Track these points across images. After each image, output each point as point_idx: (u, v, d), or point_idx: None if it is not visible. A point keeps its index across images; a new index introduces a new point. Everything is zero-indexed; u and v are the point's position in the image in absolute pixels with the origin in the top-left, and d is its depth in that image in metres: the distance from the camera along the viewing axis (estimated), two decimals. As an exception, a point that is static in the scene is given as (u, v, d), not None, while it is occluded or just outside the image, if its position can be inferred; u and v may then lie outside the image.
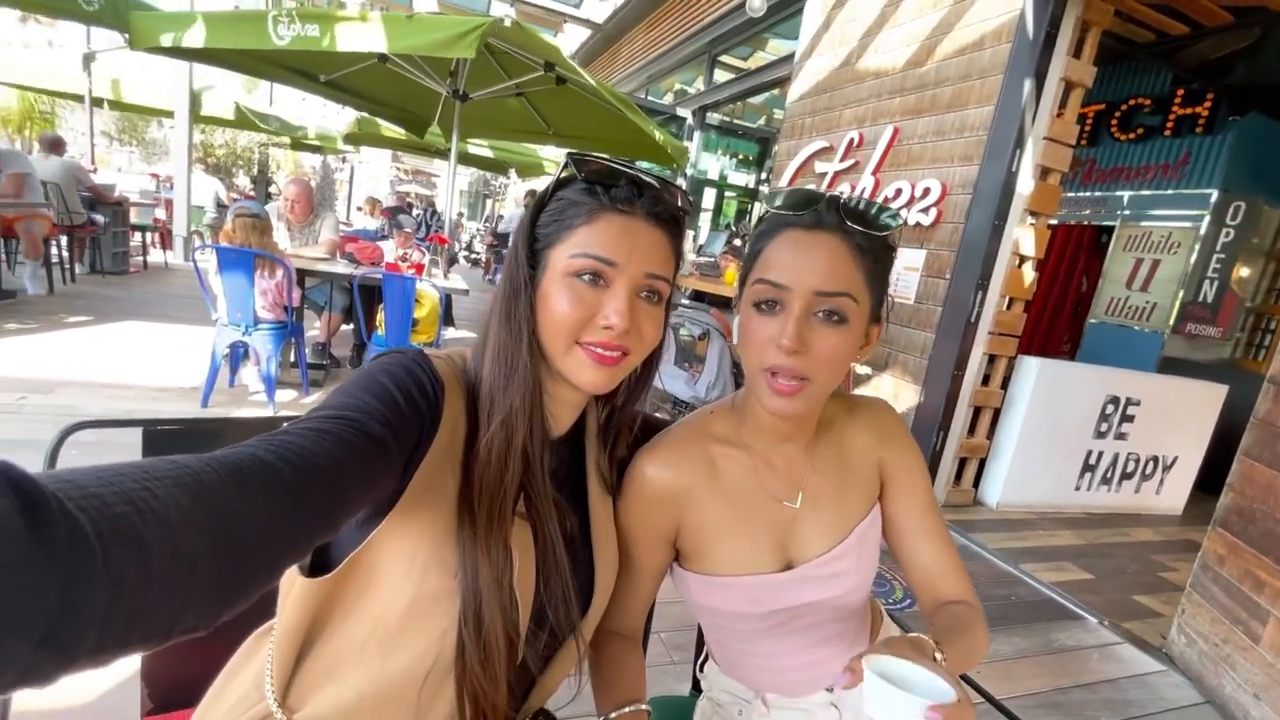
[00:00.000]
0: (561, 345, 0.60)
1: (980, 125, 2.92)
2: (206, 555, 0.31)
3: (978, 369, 3.08)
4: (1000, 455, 3.27)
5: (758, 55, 6.01)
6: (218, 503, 0.33)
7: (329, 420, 0.46)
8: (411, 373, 0.55)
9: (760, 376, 0.66)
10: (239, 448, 0.38)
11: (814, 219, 0.65)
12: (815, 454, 0.77)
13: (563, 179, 0.63)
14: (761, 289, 0.65)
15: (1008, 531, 3.06)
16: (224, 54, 3.87)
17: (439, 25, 3.04)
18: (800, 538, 0.75)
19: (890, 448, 0.78)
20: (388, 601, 0.55)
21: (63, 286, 5.37)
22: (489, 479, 0.57)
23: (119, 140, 21.43)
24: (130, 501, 0.28)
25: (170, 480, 0.31)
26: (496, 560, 0.56)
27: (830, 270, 0.63)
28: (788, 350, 0.62)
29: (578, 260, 0.58)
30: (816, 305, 0.63)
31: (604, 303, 0.59)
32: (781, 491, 0.75)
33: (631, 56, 7.68)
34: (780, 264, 0.64)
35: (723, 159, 7.26)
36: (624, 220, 0.59)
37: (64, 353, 3.63)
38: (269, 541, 0.36)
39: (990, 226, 2.88)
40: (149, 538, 0.28)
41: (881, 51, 3.50)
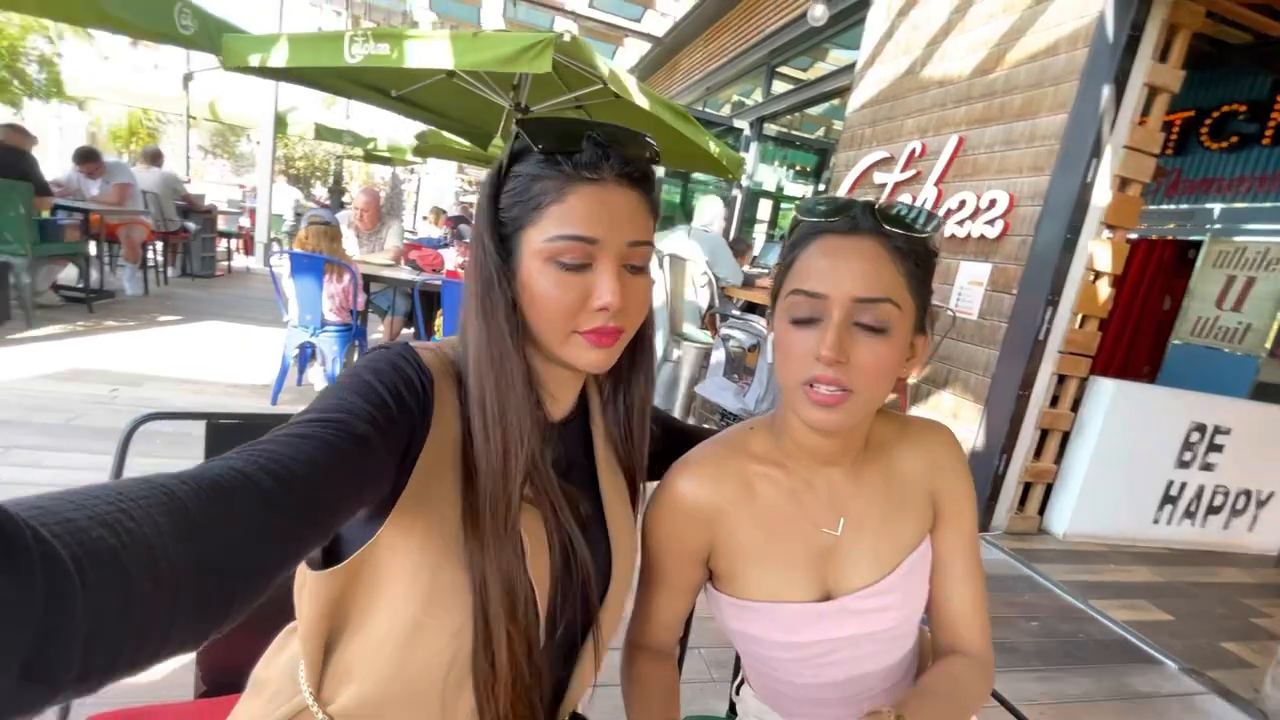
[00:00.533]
0: (559, 335, 0.57)
1: (1052, 134, 2.78)
2: (188, 575, 0.30)
3: (1045, 389, 2.91)
4: (1069, 482, 3.08)
5: (817, 66, 5.94)
6: (196, 520, 0.32)
7: (311, 424, 0.44)
8: (398, 368, 0.53)
9: (799, 390, 0.62)
10: (216, 461, 0.37)
11: (849, 224, 0.62)
12: (860, 478, 0.72)
13: (516, 151, 0.57)
14: (797, 300, 0.62)
15: (1076, 564, 2.87)
16: (305, 72, 4.11)
17: (504, 41, 3.15)
18: (841, 568, 0.71)
19: (946, 477, 0.73)
20: (402, 597, 0.54)
21: (156, 288, 5.81)
22: (491, 473, 0.55)
23: (213, 154, 23.11)
24: (106, 524, 0.27)
25: (145, 501, 0.30)
26: (507, 550, 0.54)
27: (870, 275, 0.60)
28: (828, 360, 0.59)
29: (556, 244, 0.54)
30: (857, 313, 0.60)
31: (593, 284, 0.55)
32: (821, 517, 0.71)
33: (690, 69, 7.72)
34: (816, 272, 0.61)
35: (780, 170, 7.19)
36: (595, 190, 0.55)
37: (154, 349, 3.92)
38: (252, 556, 0.34)
39: (1062, 240, 2.73)
40: (128, 561, 0.27)
41: (947, 59, 3.40)
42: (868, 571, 0.70)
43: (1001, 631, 2.22)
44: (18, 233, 3.85)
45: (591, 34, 8.48)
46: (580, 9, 7.90)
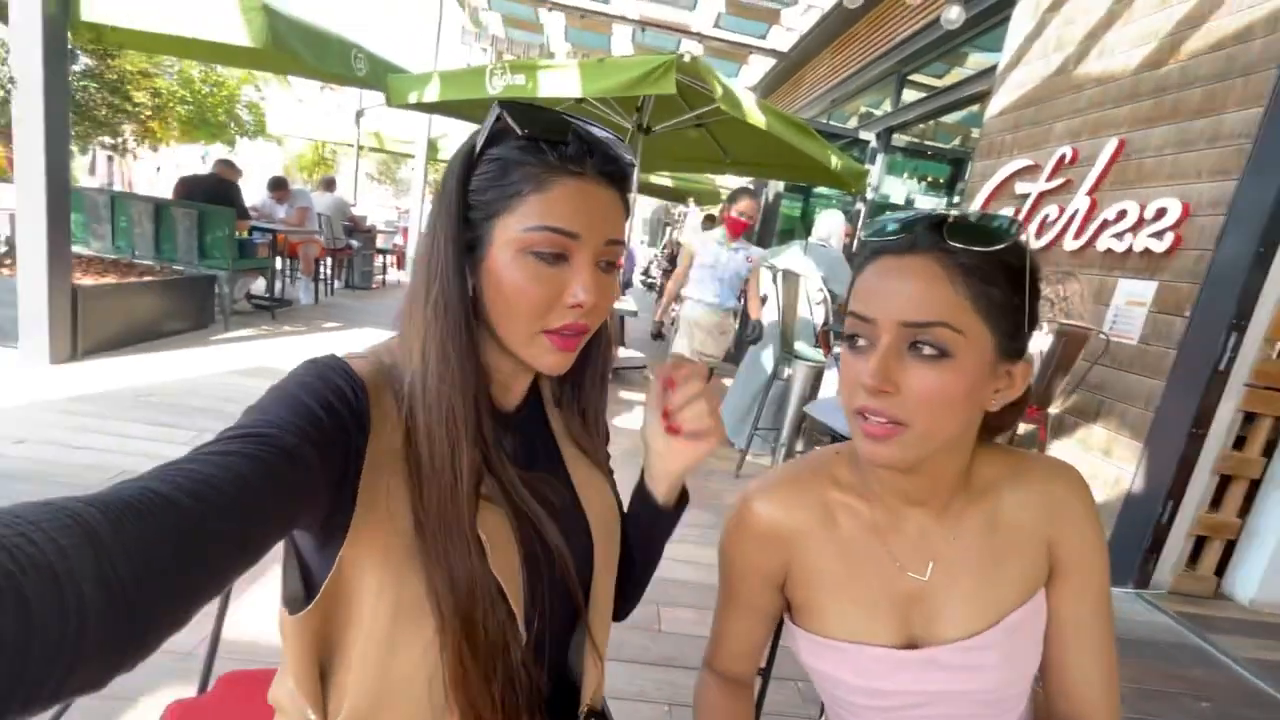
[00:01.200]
0: (524, 332, 0.54)
1: (1242, 132, 2.40)
2: (97, 604, 0.28)
3: (1227, 428, 2.49)
4: (1259, 539, 2.59)
5: (954, 71, 5.56)
6: (106, 545, 0.29)
7: (234, 440, 0.41)
8: (327, 379, 0.50)
9: (853, 420, 0.59)
10: (129, 482, 0.34)
11: (908, 242, 0.57)
12: (957, 521, 0.65)
13: (495, 132, 0.54)
14: (849, 323, 0.59)
15: (1266, 639, 2.40)
16: (453, 105, 4.56)
17: (628, 66, 3.29)
18: (929, 615, 0.65)
19: (1068, 526, 0.64)
20: (371, 615, 0.52)
21: (325, 298, 6.64)
22: (438, 475, 0.52)
23: (378, 180, 26.04)
24: (5, 549, 0.26)
25: (49, 524, 0.28)
26: (461, 551, 0.51)
27: (921, 297, 0.55)
28: (871, 389, 0.55)
29: (534, 234, 0.52)
30: (907, 337, 0.55)
31: (567, 280, 0.53)
32: (909, 559, 0.65)
33: (815, 82, 7.55)
34: (866, 294, 0.58)
35: (909, 182, 6.79)
36: (578, 184, 0.53)
37: (319, 352, 4.46)
38: (170, 581, 0.32)
39: (1252, 254, 2.33)
40: (28, 588, 0.25)
41: (1107, 55, 3.05)
42: (962, 624, 0.64)
43: (1158, 707, 1.92)
44: (223, 251, 4.60)
45: (716, 54, 8.57)
46: (705, 29, 8.02)
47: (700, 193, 9.83)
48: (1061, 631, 0.64)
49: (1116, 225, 2.79)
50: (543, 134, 0.53)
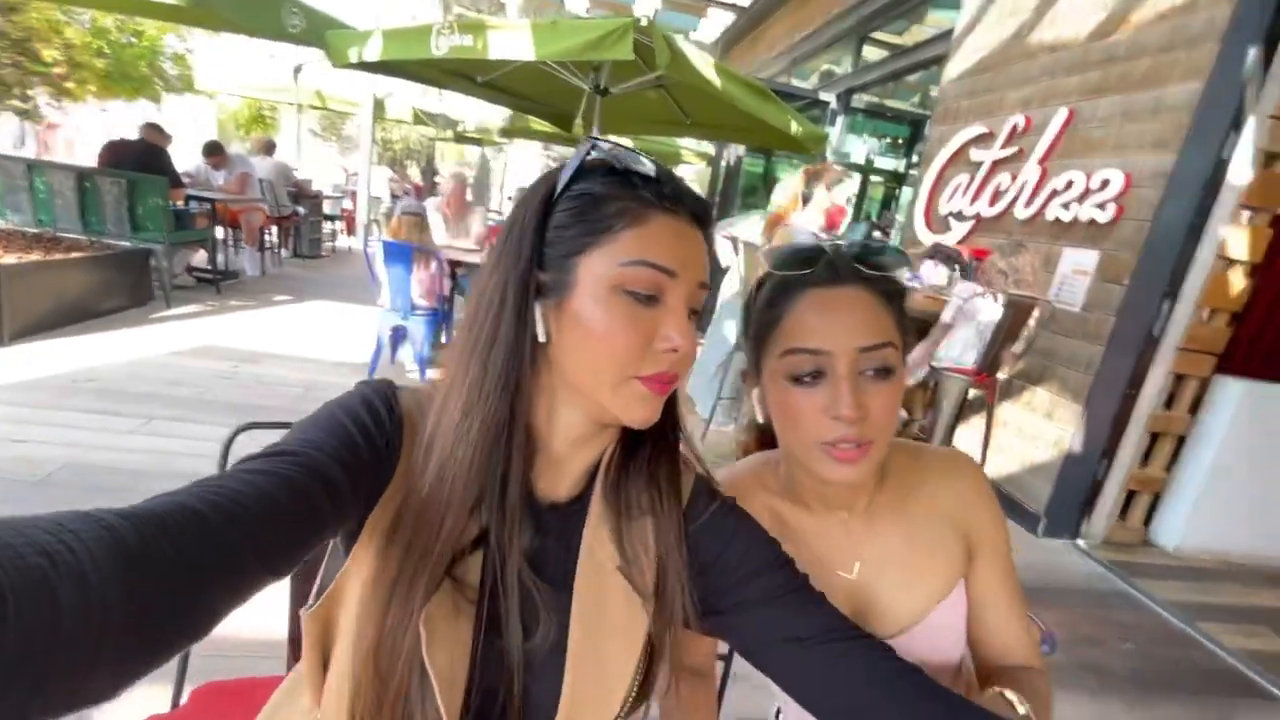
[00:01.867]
0: (612, 379, 0.50)
1: (1182, 105, 2.47)
2: (120, 613, 0.29)
3: (1158, 389, 2.65)
4: (1182, 491, 2.80)
5: (914, 30, 5.53)
6: (133, 555, 0.31)
7: (272, 459, 0.43)
8: (370, 405, 0.50)
9: (815, 450, 0.60)
10: (166, 497, 0.36)
11: (830, 274, 0.61)
12: (876, 518, 0.69)
13: (582, 167, 0.51)
14: (798, 360, 0.60)
15: (1187, 581, 2.62)
16: (400, 65, 4.32)
17: (583, 29, 3.16)
18: (861, 612, 0.68)
19: (977, 514, 0.69)
20: (343, 645, 0.52)
21: (272, 269, 6.36)
22: (414, 541, 0.49)
23: (322, 137, 24.70)
24: (44, 553, 0.27)
25: (86, 534, 0.29)
26: (393, 627, 0.48)
27: (869, 322, 0.59)
28: (850, 419, 0.57)
29: (631, 270, 0.48)
30: (863, 363, 0.59)
31: (660, 321, 0.49)
32: (835, 560, 0.68)
33: (775, 40, 7.41)
34: (811, 329, 0.59)
35: (869, 141, 6.81)
36: (674, 222, 0.50)
37: (269, 328, 4.32)
38: (191, 593, 0.33)
39: (1187, 225, 2.44)
40: (61, 591, 0.27)
41: (1060, 22, 3.07)
42: (892, 620, 0.68)
43: (1088, 651, 2.08)
44: (158, 222, 4.33)
45: (674, 6, 8.30)
46: (664, -19, 7.74)
47: (661, 154, 9.66)
48: (981, 597, 0.70)
49: (1064, 195, 2.88)
50: (637, 169, 0.50)
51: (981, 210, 3.40)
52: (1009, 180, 3.21)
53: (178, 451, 2.41)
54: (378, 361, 3.54)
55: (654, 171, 0.51)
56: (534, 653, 0.53)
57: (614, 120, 5.57)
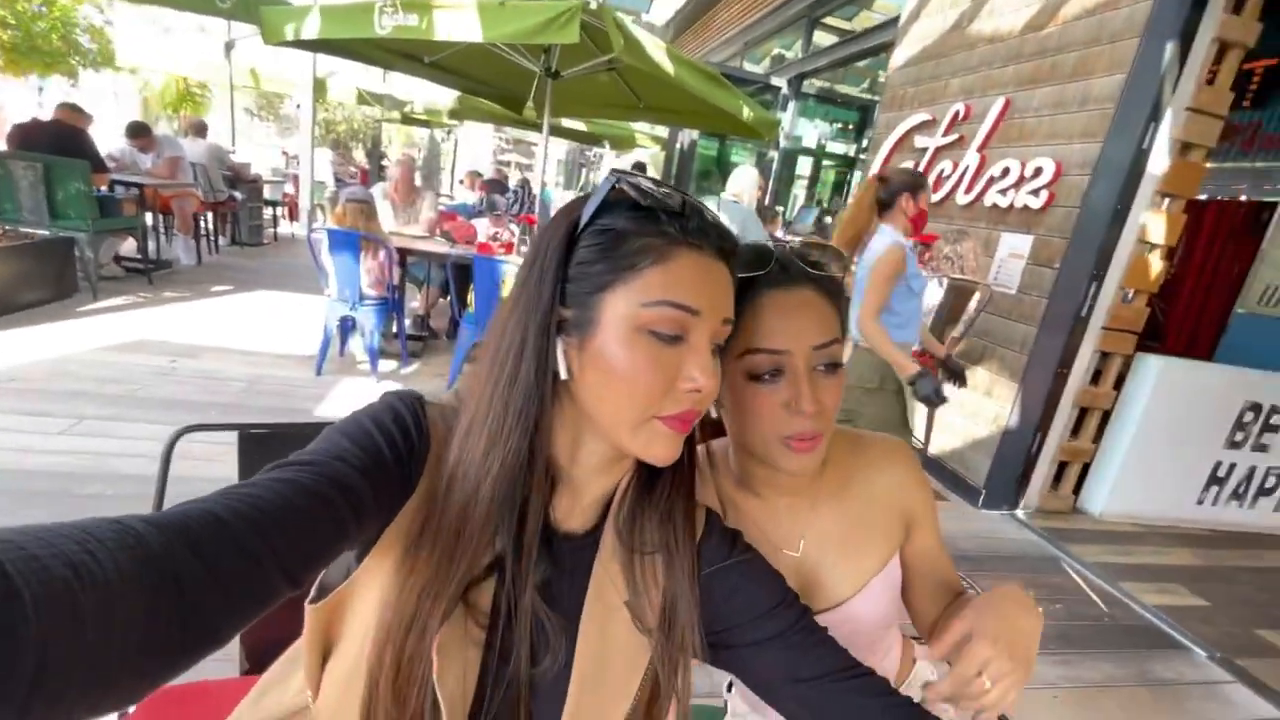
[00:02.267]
0: (634, 418, 0.49)
1: (1107, 96, 2.60)
2: (142, 623, 0.30)
3: (1086, 367, 2.82)
4: (1107, 461, 3.00)
5: (863, 15, 5.63)
6: (160, 568, 0.31)
7: (299, 468, 0.43)
8: (397, 417, 0.50)
9: (774, 443, 0.64)
10: (193, 504, 0.37)
11: (784, 276, 0.63)
12: (818, 500, 0.74)
13: (607, 201, 0.50)
14: (759, 359, 0.62)
15: (1110, 544, 2.82)
16: (342, 44, 4.15)
17: (531, 11, 3.09)
18: (807, 587, 0.73)
19: (912, 494, 0.75)
20: (345, 651, 0.52)
21: (209, 257, 6.06)
22: (434, 566, 0.49)
23: (258, 116, 23.50)
24: (69, 564, 0.28)
25: (112, 543, 0.30)
26: (409, 651, 0.48)
27: (820, 322, 0.63)
28: (811, 413, 0.61)
29: (655, 310, 0.47)
30: (816, 360, 0.63)
31: (684, 361, 0.49)
32: (781, 539, 0.73)
33: (727, 23, 7.42)
34: (770, 330, 0.62)
35: (820, 126, 6.92)
36: (699, 258, 0.49)
37: (209, 320, 4.13)
38: (214, 607, 0.34)
39: (1111, 211, 2.59)
40: (85, 603, 0.27)
41: (996, 14, 3.18)
42: (835, 591, 0.73)
43: (1022, 613, 2.22)
44: (79, 209, 4.06)
45: (626, -14, 8.20)
46: (614, -40, 7.63)
47: (615, 137, 9.57)
48: (919, 564, 0.76)
49: (1001, 182, 3.00)
50: (662, 204, 0.49)
51: (925, 196, 3.51)
52: (951, 167, 3.33)
53: (112, 452, 2.30)
54: (326, 353, 3.44)
55: (679, 205, 0.50)
56: (538, 679, 0.54)
57: (565, 103, 5.49)
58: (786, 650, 0.57)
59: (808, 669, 0.56)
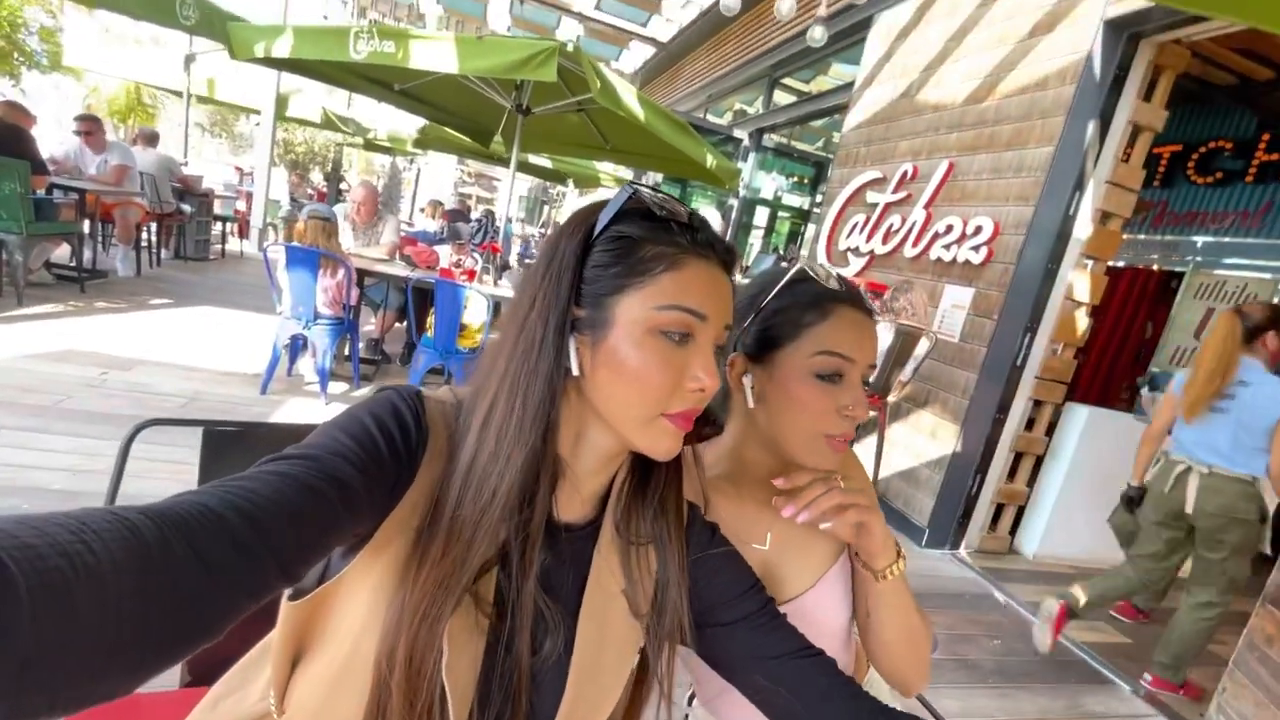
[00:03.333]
0: (644, 415, 0.52)
1: (1039, 166, 2.86)
2: (136, 615, 0.30)
3: (1021, 414, 2.99)
4: (1040, 504, 3.16)
5: (820, 80, 6.00)
6: (155, 559, 0.31)
7: (295, 462, 0.43)
8: (397, 413, 0.51)
9: (817, 439, 0.71)
10: (188, 496, 0.37)
11: (859, 300, 0.74)
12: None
13: (623, 210, 0.53)
14: (832, 361, 0.70)
15: (1043, 584, 2.95)
16: (309, 64, 4.14)
17: (509, 48, 3.18)
18: (773, 580, 0.77)
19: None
20: (336, 648, 0.52)
21: (149, 270, 5.79)
22: (443, 550, 0.50)
23: (210, 132, 22.89)
24: (64, 554, 0.27)
25: (107, 534, 0.30)
26: (422, 644, 0.49)
27: (876, 346, 0.74)
28: (861, 418, 0.70)
29: (668, 313, 0.51)
30: (867, 375, 0.73)
31: (690, 361, 0.52)
32: (750, 534, 0.77)
33: (693, 75, 7.77)
34: (848, 340, 0.71)
35: (778, 179, 7.25)
36: (707, 267, 0.53)
37: (145, 333, 3.93)
38: (207, 600, 0.34)
39: (1043, 269, 2.81)
40: (79, 593, 0.27)
41: (942, 86, 3.47)
42: (798, 582, 0.78)
43: (963, 648, 2.29)
44: (13, 210, 3.85)
45: (597, 36, 8.52)
46: (587, 10, 7.93)
47: (579, 175, 9.76)
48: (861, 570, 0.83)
49: (945, 238, 3.22)
50: (675, 215, 0.53)
51: (876, 248, 3.72)
52: (899, 221, 3.54)
53: (31, 465, 2.13)
54: (273, 372, 3.31)
55: (689, 218, 0.54)
56: (537, 668, 0.55)
57: (533, 140, 5.60)
58: (754, 631, 0.61)
59: (772, 648, 0.60)
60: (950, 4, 3.50)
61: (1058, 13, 2.85)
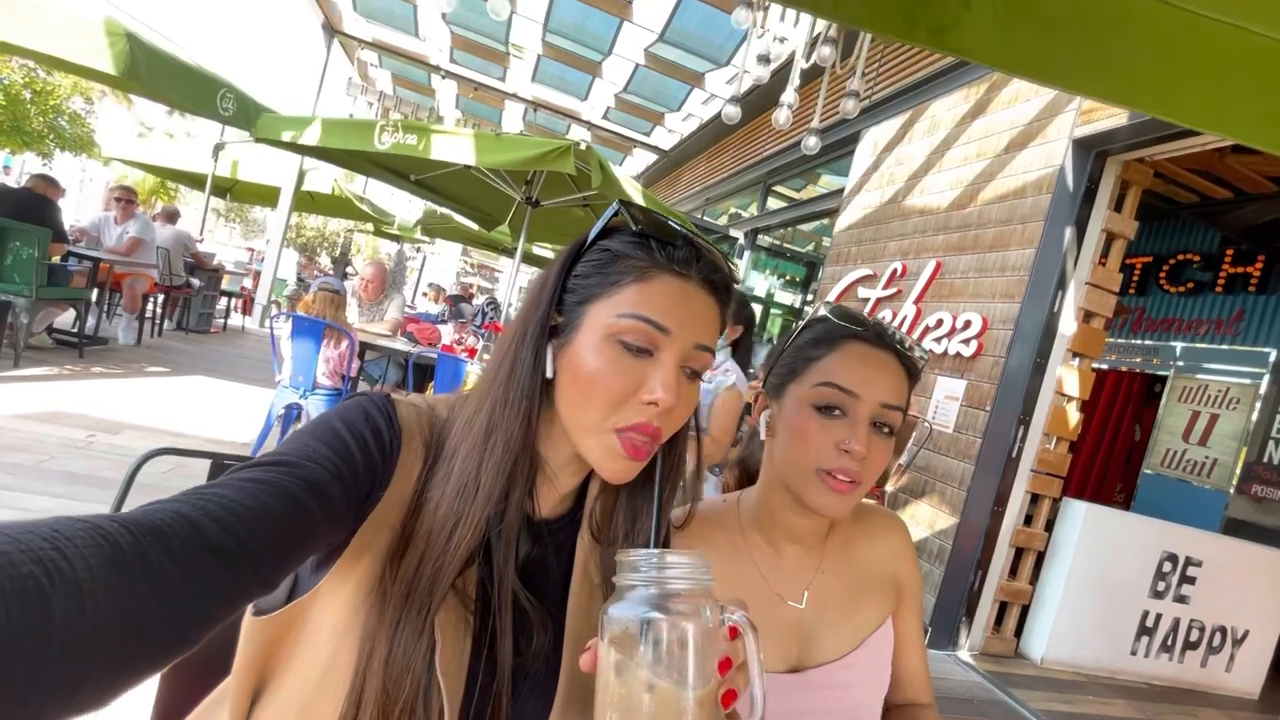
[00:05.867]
0: (596, 425, 0.52)
1: (1022, 266, 3.01)
2: (112, 623, 0.29)
3: (1019, 507, 2.96)
4: (1045, 604, 3.05)
5: (810, 188, 6.41)
6: (130, 567, 0.31)
7: (269, 469, 0.43)
8: (370, 418, 0.51)
9: (813, 475, 0.68)
10: (162, 504, 0.36)
11: (877, 337, 0.71)
12: (824, 557, 0.78)
13: (610, 226, 0.55)
14: (830, 392, 0.68)
15: (1053, 692, 2.79)
16: (331, 151, 4.41)
17: (525, 145, 3.42)
18: (807, 641, 0.74)
19: (905, 564, 0.81)
20: (310, 664, 0.50)
21: (149, 339, 5.83)
22: (426, 546, 0.50)
23: (225, 218, 23.83)
24: (39, 561, 0.27)
25: (82, 541, 0.29)
26: (409, 636, 0.48)
27: (894, 385, 0.69)
28: (858, 455, 0.66)
29: (625, 321, 0.51)
30: (878, 416, 0.68)
31: (649, 375, 0.51)
32: (786, 590, 0.75)
33: (692, 180, 8.29)
34: (849, 372, 0.69)
35: (770, 278, 7.55)
36: (680, 284, 0.53)
37: (137, 399, 3.90)
38: (186, 606, 0.33)
39: (1032, 363, 2.89)
40: (55, 601, 0.27)
41: (927, 193, 3.72)
42: (834, 646, 0.74)
43: (976, 758, 2.14)
44: (25, 274, 3.93)
45: (603, 142, 9.14)
46: (595, 119, 8.56)
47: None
48: (901, 643, 0.80)
49: (935, 331, 3.32)
50: (655, 232, 0.54)
51: (868, 340, 3.82)
52: (890, 316, 3.67)
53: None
54: (264, 440, 3.27)
55: (672, 236, 0.54)
56: (527, 666, 0.54)
57: (539, 230, 5.88)
58: None
59: None
60: (931, 123, 3.82)
61: (1030, 132, 3.12)
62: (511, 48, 6.90)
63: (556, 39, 6.38)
